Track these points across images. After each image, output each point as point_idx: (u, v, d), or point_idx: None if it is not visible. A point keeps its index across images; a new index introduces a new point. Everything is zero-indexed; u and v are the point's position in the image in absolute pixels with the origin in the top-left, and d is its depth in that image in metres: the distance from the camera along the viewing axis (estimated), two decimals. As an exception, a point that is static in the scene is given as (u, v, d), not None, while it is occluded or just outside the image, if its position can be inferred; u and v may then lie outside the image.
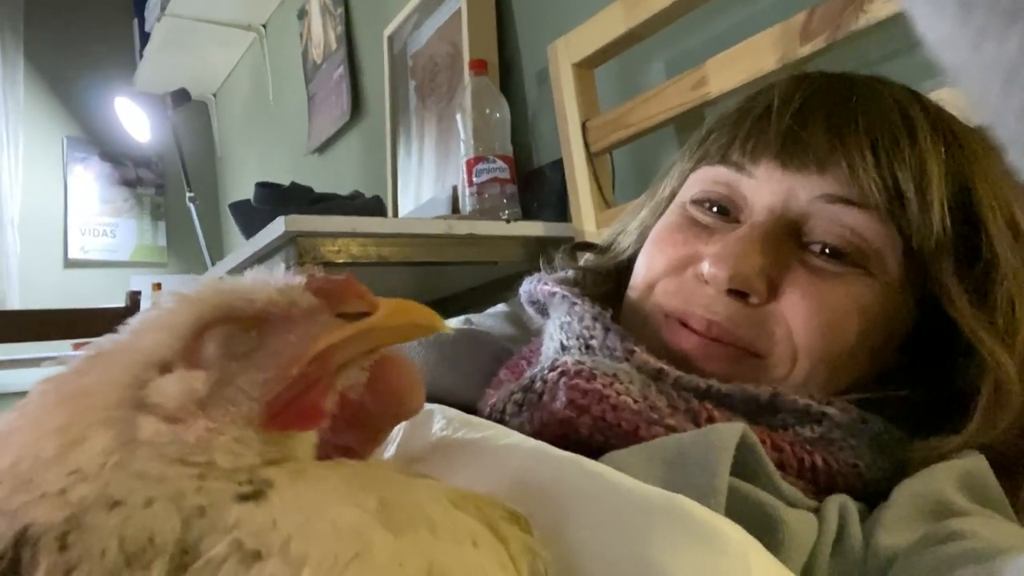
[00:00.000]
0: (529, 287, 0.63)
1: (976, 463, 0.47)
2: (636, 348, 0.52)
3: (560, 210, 1.47)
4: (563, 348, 0.56)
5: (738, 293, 0.51)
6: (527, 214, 1.51)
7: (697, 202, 0.57)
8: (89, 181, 3.26)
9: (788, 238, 0.52)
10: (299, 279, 0.27)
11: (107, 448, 0.23)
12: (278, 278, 0.27)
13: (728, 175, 0.55)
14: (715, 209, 0.56)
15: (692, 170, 0.58)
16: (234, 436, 0.25)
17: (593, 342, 0.54)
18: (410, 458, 0.41)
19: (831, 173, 0.51)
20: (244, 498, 0.23)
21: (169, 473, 0.23)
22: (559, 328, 0.57)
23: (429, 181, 1.89)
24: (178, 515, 0.22)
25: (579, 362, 0.50)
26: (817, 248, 0.52)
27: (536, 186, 1.57)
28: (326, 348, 0.26)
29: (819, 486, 0.49)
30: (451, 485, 0.28)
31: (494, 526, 0.27)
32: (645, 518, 0.32)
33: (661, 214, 0.60)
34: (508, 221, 1.34)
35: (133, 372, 0.25)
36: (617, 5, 1.21)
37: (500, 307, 0.79)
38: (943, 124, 0.54)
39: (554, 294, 0.59)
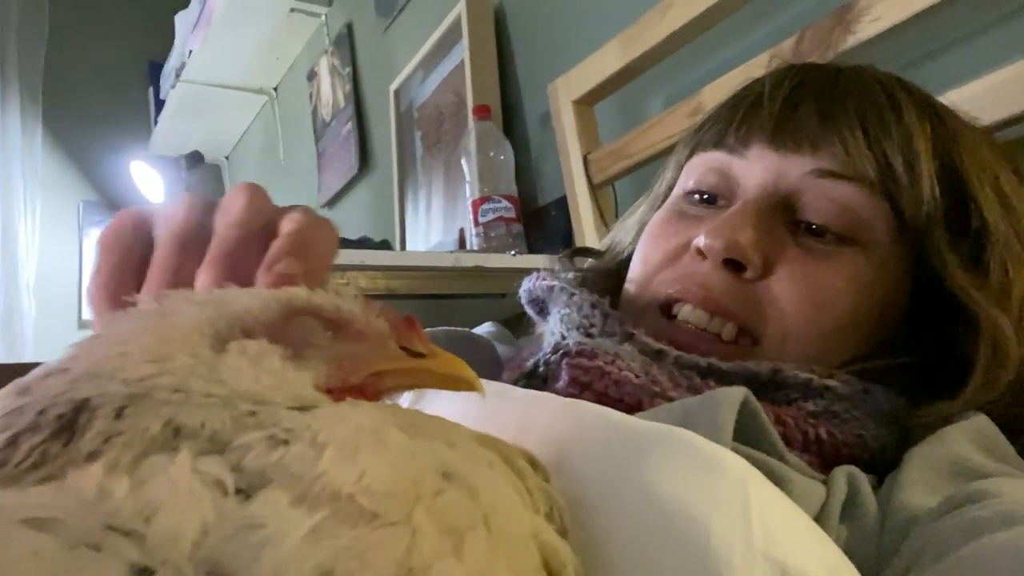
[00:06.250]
0: (529, 285, 0.64)
1: (982, 421, 0.47)
2: (635, 331, 0.53)
3: (566, 247, 1.49)
4: (564, 339, 0.56)
5: (734, 265, 0.52)
6: (533, 252, 1.53)
7: (689, 194, 0.58)
8: (104, 244, 3.32)
9: (780, 216, 0.53)
10: (379, 305, 0.31)
11: (192, 365, 0.25)
12: (359, 298, 0.31)
13: (722, 158, 0.56)
14: (706, 198, 0.57)
15: (687, 159, 0.60)
16: (298, 388, 0.27)
17: (593, 329, 0.55)
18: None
19: (824, 151, 0.53)
20: (291, 408, 0.25)
21: (238, 388, 0.25)
22: (560, 321, 0.58)
23: (437, 228, 1.92)
24: (229, 413, 0.24)
25: (581, 343, 0.51)
26: (809, 226, 0.53)
27: (541, 224, 1.60)
28: (385, 369, 0.30)
29: (825, 459, 0.49)
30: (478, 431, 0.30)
31: (512, 462, 0.28)
32: (644, 447, 0.33)
33: (658, 208, 0.62)
34: (514, 254, 1.36)
35: (219, 326, 0.28)
36: (614, 42, 1.25)
37: (487, 325, 0.80)
38: (927, 104, 0.56)
39: (552, 288, 0.60)
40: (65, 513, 0.19)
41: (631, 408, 0.48)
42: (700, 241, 0.53)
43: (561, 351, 0.51)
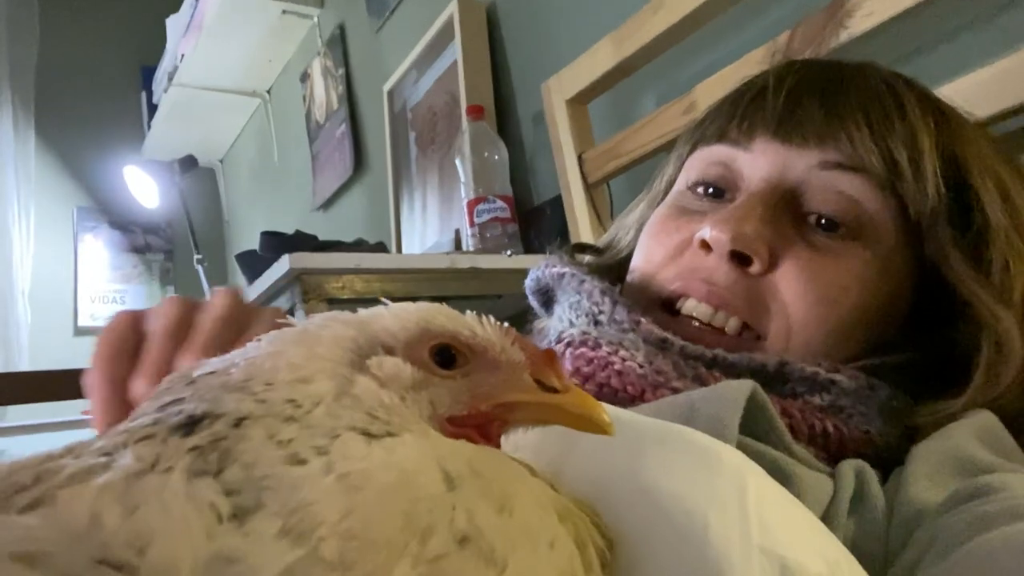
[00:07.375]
0: (537, 273, 0.63)
1: (987, 418, 0.47)
2: (642, 319, 0.52)
3: (561, 246, 1.49)
4: (571, 326, 0.56)
5: (740, 258, 0.52)
6: (529, 252, 1.53)
7: (692, 187, 0.58)
8: (99, 249, 3.31)
9: (786, 209, 0.53)
10: (514, 334, 0.31)
11: (323, 393, 0.26)
12: (497, 326, 0.31)
13: (725, 152, 0.56)
14: (710, 191, 0.57)
15: (689, 153, 0.59)
16: (418, 415, 0.27)
17: (601, 316, 0.54)
18: None
19: (829, 144, 0.52)
20: (355, 431, 0.24)
21: (355, 420, 0.25)
22: (568, 308, 0.57)
23: (432, 228, 1.92)
24: (314, 440, 0.24)
25: (584, 332, 0.51)
26: (814, 219, 0.53)
27: (537, 224, 1.60)
28: (515, 401, 0.29)
29: (830, 452, 0.49)
30: (571, 499, 0.28)
31: (584, 548, 0.26)
32: (642, 444, 0.33)
33: (658, 205, 0.61)
34: (510, 255, 1.36)
35: (361, 342, 0.29)
36: (606, 41, 1.25)
37: None
38: (929, 100, 0.56)
39: (563, 275, 0.59)
40: (55, 545, 0.18)
41: (634, 398, 0.48)
42: (705, 233, 0.52)
43: (565, 341, 0.51)
